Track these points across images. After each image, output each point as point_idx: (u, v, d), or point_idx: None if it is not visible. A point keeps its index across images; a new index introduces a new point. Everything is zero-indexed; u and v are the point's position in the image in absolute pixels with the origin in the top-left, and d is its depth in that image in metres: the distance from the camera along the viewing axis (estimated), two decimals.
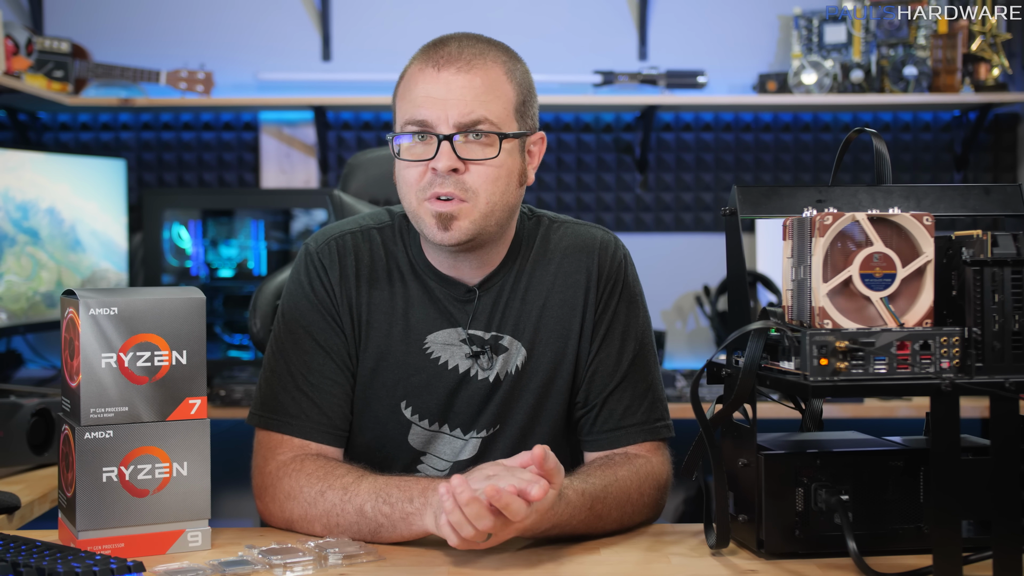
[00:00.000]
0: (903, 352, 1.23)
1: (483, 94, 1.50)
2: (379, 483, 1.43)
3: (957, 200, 1.40)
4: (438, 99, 1.49)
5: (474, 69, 1.50)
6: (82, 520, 1.34)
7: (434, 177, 1.49)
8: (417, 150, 1.51)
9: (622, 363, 1.61)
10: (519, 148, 1.55)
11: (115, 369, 1.35)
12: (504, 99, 1.52)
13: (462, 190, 1.49)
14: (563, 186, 3.77)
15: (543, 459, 1.32)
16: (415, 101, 1.51)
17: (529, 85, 1.57)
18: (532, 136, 1.58)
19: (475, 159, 1.49)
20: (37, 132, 3.72)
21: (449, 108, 1.48)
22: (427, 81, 1.50)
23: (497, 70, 1.52)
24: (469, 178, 1.49)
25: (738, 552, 1.38)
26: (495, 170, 1.50)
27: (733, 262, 1.38)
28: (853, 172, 3.73)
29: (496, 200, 1.51)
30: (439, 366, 1.59)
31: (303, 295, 1.61)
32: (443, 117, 1.49)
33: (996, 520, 1.20)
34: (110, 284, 3.43)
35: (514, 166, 1.53)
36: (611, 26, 3.74)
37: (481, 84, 1.50)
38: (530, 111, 1.57)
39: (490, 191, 1.50)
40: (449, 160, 1.48)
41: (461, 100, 1.49)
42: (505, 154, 1.51)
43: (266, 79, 3.67)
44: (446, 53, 1.51)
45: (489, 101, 1.50)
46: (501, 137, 1.50)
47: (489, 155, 1.50)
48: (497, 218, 1.53)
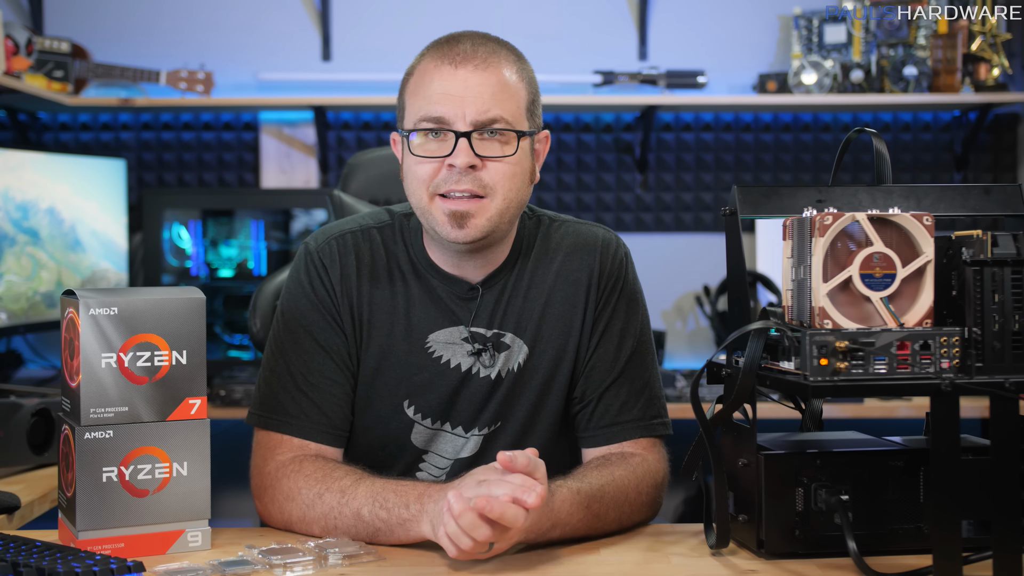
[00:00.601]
0: (903, 352, 1.23)
1: (499, 93, 1.51)
2: (376, 487, 1.42)
3: (957, 200, 1.40)
4: (456, 96, 1.49)
5: (490, 68, 1.51)
6: (82, 520, 1.34)
7: (449, 174, 1.50)
8: (431, 146, 1.51)
9: (620, 359, 1.62)
10: (530, 146, 1.56)
11: (115, 369, 1.35)
12: (517, 98, 1.53)
13: (480, 187, 1.50)
14: (563, 186, 3.77)
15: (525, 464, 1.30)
16: (431, 98, 1.51)
17: (535, 85, 1.59)
18: (539, 135, 1.59)
19: (493, 156, 1.50)
20: (37, 132, 3.72)
21: (467, 105, 1.49)
22: (444, 78, 1.51)
23: (510, 69, 1.53)
24: (487, 175, 1.50)
25: (738, 552, 1.38)
26: (512, 167, 1.51)
27: (733, 262, 1.38)
28: (853, 172, 3.73)
29: (512, 197, 1.52)
30: (441, 365, 1.60)
31: (303, 294, 1.61)
32: (460, 114, 1.49)
33: (996, 520, 1.20)
34: (110, 284, 3.43)
35: (526, 163, 1.55)
36: (611, 26, 3.75)
37: (497, 83, 1.51)
38: (538, 110, 1.59)
39: (507, 187, 1.51)
40: (467, 157, 1.49)
41: (479, 98, 1.49)
42: (521, 152, 1.52)
43: (266, 79, 3.67)
44: (461, 51, 1.52)
45: (504, 100, 1.51)
46: (519, 135, 1.52)
47: (508, 152, 1.51)
48: (511, 215, 1.54)
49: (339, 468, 1.49)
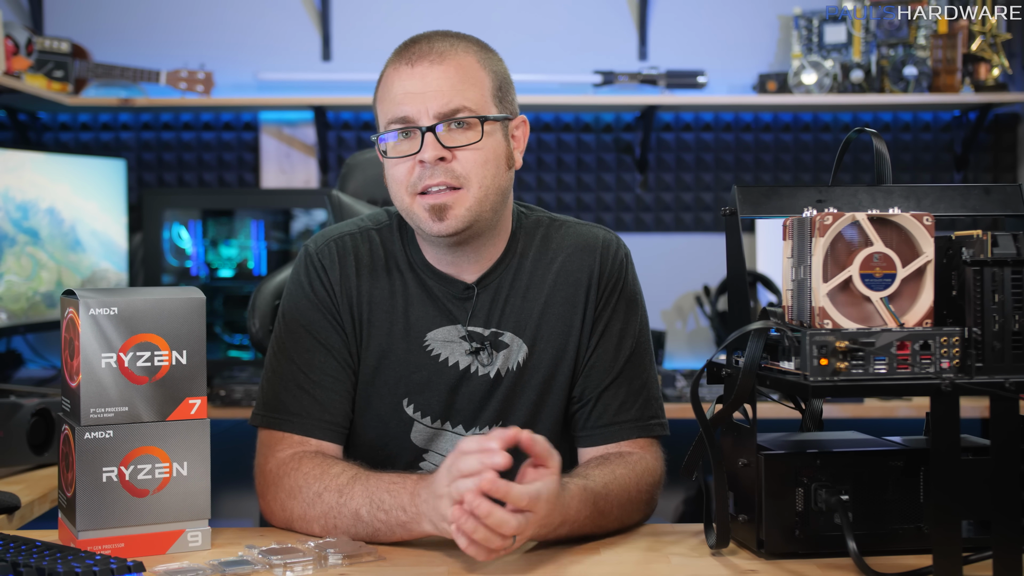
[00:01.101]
0: (903, 352, 1.23)
1: (459, 83, 1.52)
2: (371, 487, 1.42)
3: (957, 200, 1.40)
4: (416, 93, 1.51)
5: (447, 60, 1.53)
6: (82, 520, 1.34)
7: (423, 170, 1.51)
8: (403, 147, 1.53)
9: (619, 360, 1.62)
10: (502, 131, 1.57)
11: (115, 369, 1.35)
12: (479, 85, 1.54)
13: (453, 177, 1.51)
14: (563, 186, 3.77)
15: (531, 443, 1.32)
16: (394, 99, 1.53)
17: (504, 73, 1.59)
18: (514, 120, 1.60)
19: (460, 145, 1.51)
20: (37, 132, 3.72)
21: (428, 100, 1.51)
22: (403, 78, 1.53)
23: (469, 59, 1.54)
24: (458, 165, 1.51)
25: (738, 552, 1.38)
26: (482, 153, 1.52)
27: (733, 262, 1.38)
28: (853, 172, 3.73)
29: (488, 184, 1.53)
30: (439, 363, 1.60)
31: (303, 295, 1.62)
32: (423, 110, 1.51)
33: (996, 520, 1.20)
34: (110, 284, 3.43)
35: (500, 149, 1.55)
36: (611, 26, 3.74)
37: (455, 73, 1.52)
38: (508, 96, 1.59)
39: (481, 175, 1.52)
40: (435, 150, 1.50)
41: (438, 91, 1.51)
42: (488, 137, 1.53)
43: (266, 79, 3.67)
44: (417, 49, 1.54)
45: (465, 89, 1.52)
46: (482, 120, 1.52)
47: (472, 139, 1.52)
48: (491, 203, 1.54)
49: (336, 465, 1.49)
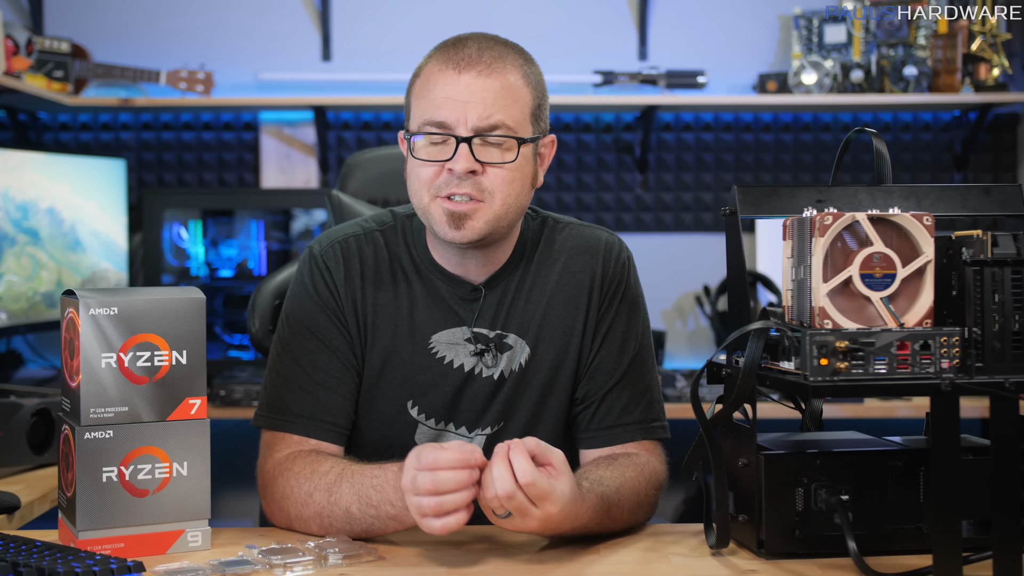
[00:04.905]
0: (903, 352, 1.23)
1: (502, 98, 1.50)
2: (356, 484, 1.43)
3: (957, 200, 1.40)
4: (458, 101, 1.50)
5: (494, 73, 1.51)
6: (82, 520, 1.34)
7: (450, 177, 1.50)
8: (433, 150, 1.52)
9: (622, 362, 1.62)
10: (533, 152, 1.56)
11: (115, 369, 1.35)
12: (521, 103, 1.53)
13: (478, 191, 1.50)
14: (563, 186, 3.77)
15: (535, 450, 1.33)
16: (434, 102, 1.51)
17: (543, 88, 1.59)
18: (544, 139, 1.59)
19: (492, 162, 1.50)
20: (37, 132, 3.72)
21: (469, 111, 1.49)
22: (447, 83, 1.51)
23: (515, 74, 1.53)
24: (486, 180, 1.51)
25: (738, 552, 1.38)
26: (511, 173, 1.52)
27: (733, 262, 1.38)
28: (853, 172, 3.73)
29: (511, 202, 1.53)
30: (444, 365, 1.60)
31: (307, 296, 1.62)
32: (462, 119, 1.49)
33: (996, 520, 1.20)
34: (110, 284, 3.43)
35: (527, 168, 1.55)
36: (611, 26, 3.75)
37: (500, 88, 1.51)
38: (543, 114, 1.58)
39: (506, 193, 1.52)
40: (467, 162, 1.49)
41: (481, 103, 1.49)
42: (522, 158, 1.52)
43: (266, 79, 3.67)
44: (466, 55, 1.52)
45: (507, 105, 1.51)
46: (520, 142, 1.51)
47: (507, 159, 1.51)
48: (510, 219, 1.54)
49: (324, 463, 1.49)
